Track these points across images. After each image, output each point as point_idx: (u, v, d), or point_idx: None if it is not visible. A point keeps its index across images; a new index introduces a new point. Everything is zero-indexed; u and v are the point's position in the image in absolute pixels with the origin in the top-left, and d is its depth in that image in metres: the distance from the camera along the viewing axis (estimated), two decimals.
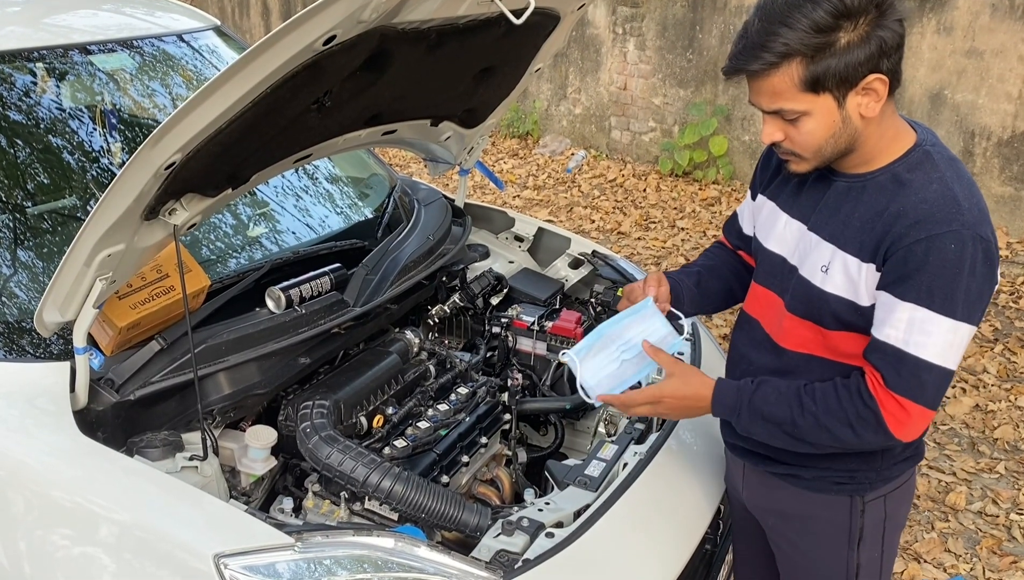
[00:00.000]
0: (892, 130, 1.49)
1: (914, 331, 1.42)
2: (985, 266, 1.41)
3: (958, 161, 1.51)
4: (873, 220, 1.47)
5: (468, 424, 2.13)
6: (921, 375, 1.44)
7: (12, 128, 2.34)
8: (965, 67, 5.25)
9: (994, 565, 3.00)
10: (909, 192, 1.45)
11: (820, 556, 1.75)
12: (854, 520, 1.69)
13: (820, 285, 1.54)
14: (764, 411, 1.57)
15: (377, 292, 2.24)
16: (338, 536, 1.59)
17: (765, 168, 1.76)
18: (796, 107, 1.42)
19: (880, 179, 1.49)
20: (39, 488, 1.64)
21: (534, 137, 7.88)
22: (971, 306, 1.42)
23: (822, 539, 1.73)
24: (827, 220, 1.55)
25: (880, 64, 1.38)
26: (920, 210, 1.42)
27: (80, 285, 1.64)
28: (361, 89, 1.84)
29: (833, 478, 1.67)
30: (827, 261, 1.53)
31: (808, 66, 1.37)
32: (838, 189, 1.54)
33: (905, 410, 1.46)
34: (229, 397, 1.93)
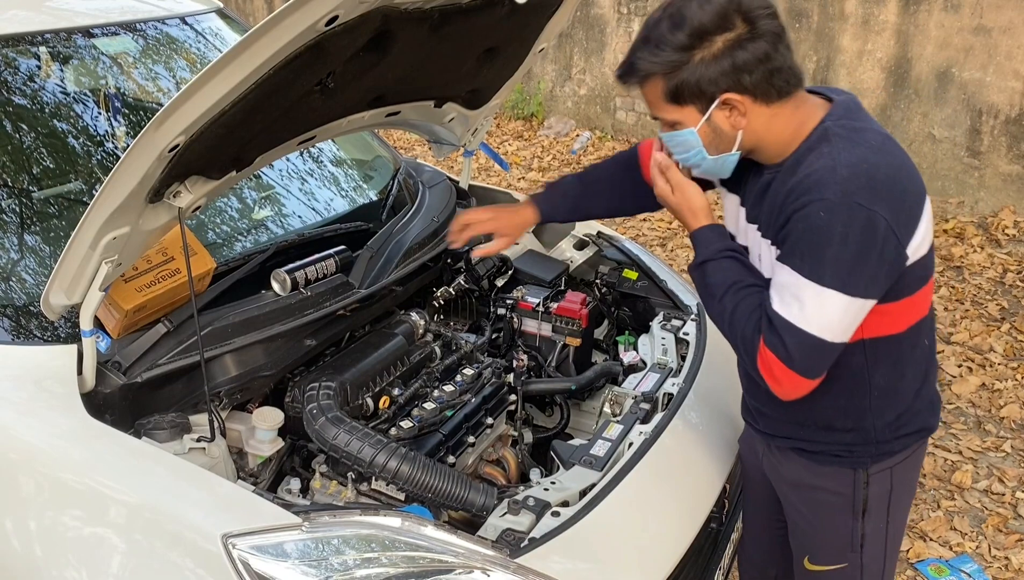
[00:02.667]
0: (795, 123, 1.55)
1: (784, 294, 1.50)
2: (864, 235, 1.43)
3: (871, 132, 1.53)
4: (775, 205, 1.55)
5: (474, 405, 2.13)
6: (783, 336, 1.50)
7: (16, 112, 2.34)
8: (972, 45, 5.20)
9: (1000, 543, 3.01)
10: (799, 171, 1.51)
11: (827, 525, 1.78)
12: (857, 492, 1.72)
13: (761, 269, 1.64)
14: (710, 273, 1.65)
15: (382, 274, 2.24)
16: (345, 516, 1.60)
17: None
18: (666, 116, 1.56)
19: (787, 164, 1.56)
20: (48, 470, 1.65)
21: (538, 119, 7.85)
22: (842, 275, 1.45)
23: (828, 509, 1.76)
24: (756, 211, 1.63)
25: (740, 80, 1.47)
26: (802, 184, 1.48)
27: (86, 268, 1.65)
28: (364, 70, 1.83)
29: (833, 451, 1.71)
30: (758, 250, 1.63)
31: (668, 80, 1.50)
32: (763, 181, 1.61)
33: (769, 365, 1.54)
34: (236, 379, 1.94)
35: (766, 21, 1.46)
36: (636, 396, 2.14)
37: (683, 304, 2.55)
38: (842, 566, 1.79)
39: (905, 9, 5.42)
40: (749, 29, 1.45)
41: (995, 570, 2.90)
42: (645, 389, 2.17)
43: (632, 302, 2.66)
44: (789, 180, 1.52)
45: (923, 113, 5.50)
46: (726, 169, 1.62)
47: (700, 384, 2.20)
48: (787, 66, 1.51)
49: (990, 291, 4.69)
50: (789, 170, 1.54)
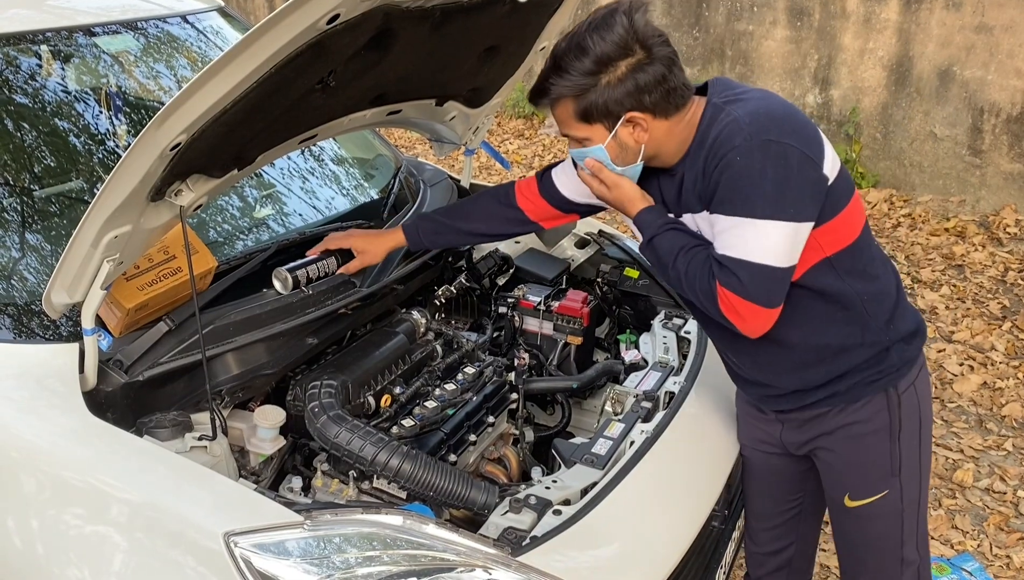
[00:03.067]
0: (684, 128, 1.71)
1: (725, 236, 1.64)
2: (780, 166, 1.58)
3: (751, 91, 1.72)
4: (696, 178, 1.70)
5: (475, 403, 2.13)
6: (735, 270, 1.63)
7: (18, 111, 2.34)
8: (974, 43, 5.20)
9: (1001, 542, 3.01)
10: (708, 142, 1.66)
11: (866, 457, 1.88)
12: (892, 413, 1.84)
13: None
14: (658, 244, 1.77)
15: (384, 272, 2.24)
16: (347, 514, 1.60)
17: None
18: (576, 134, 1.72)
19: (692, 149, 1.72)
20: (50, 469, 1.65)
21: (540, 117, 7.84)
22: (771, 205, 1.59)
23: (866, 440, 1.86)
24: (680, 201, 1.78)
25: (642, 100, 1.65)
26: (713, 148, 1.64)
27: (87, 267, 1.65)
28: (365, 69, 1.83)
29: (866, 379, 1.82)
30: (696, 227, 1.76)
31: (577, 103, 1.67)
32: (677, 178, 1.77)
33: (729, 301, 1.65)
34: (237, 377, 1.94)
35: (660, 48, 1.65)
36: (638, 395, 2.14)
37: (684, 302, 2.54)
38: (884, 493, 1.88)
39: (907, 7, 5.41)
40: (647, 55, 1.64)
41: (996, 569, 2.90)
42: (647, 387, 2.17)
43: (633, 300, 2.66)
44: (700, 154, 1.68)
45: (924, 112, 5.49)
46: (633, 178, 1.78)
47: (702, 383, 2.20)
48: (681, 84, 1.68)
49: (991, 290, 4.69)
50: (697, 148, 1.70)
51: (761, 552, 2.19)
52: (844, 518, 1.96)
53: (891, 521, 1.91)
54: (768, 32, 6.13)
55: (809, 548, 2.21)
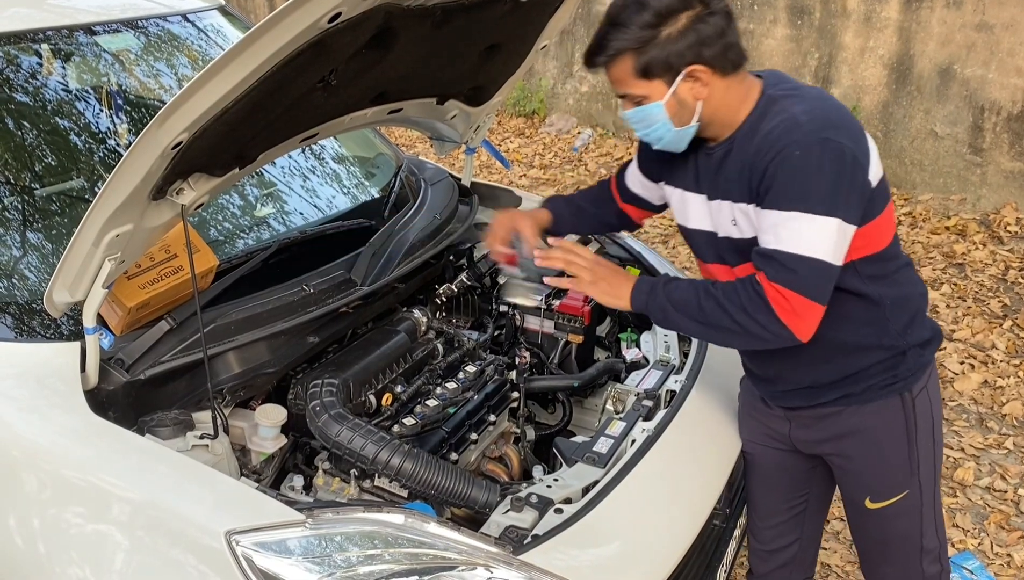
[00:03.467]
0: (740, 96, 1.71)
1: (779, 231, 1.62)
2: (836, 164, 1.59)
3: (806, 88, 1.74)
4: (743, 168, 1.69)
5: (476, 402, 2.13)
6: (791, 266, 1.61)
7: (19, 110, 2.34)
8: (975, 41, 5.20)
9: (1002, 540, 3.01)
10: (760, 132, 1.67)
11: (883, 459, 1.89)
12: (908, 416, 1.86)
13: (740, 236, 1.75)
14: (673, 297, 1.75)
15: (384, 271, 2.24)
16: (348, 513, 1.60)
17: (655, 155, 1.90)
18: (635, 92, 1.69)
19: (740, 133, 1.72)
20: (51, 467, 1.65)
21: (540, 116, 7.84)
22: (827, 201, 1.59)
23: (883, 443, 1.88)
24: (717, 184, 1.77)
25: (703, 53, 1.63)
26: (768, 140, 1.64)
27: (89, 265, 1.65)
28: (366, 67, 1.83)
29: (881, 383, 1.83)
30: (731, 216, 1.75)
31: (638, 58, 1.64)
32: (716, 157, 1.76)
33: (786, 298, 1.62)
34: (239, 376, 1.94)
35: (718, 1, 1.64)
36: (639, 393, 2.14)
37: None
38: (904, 494, 1.91)
39: (907, 6, 5.41)
40: (705, 7, 1.63)
41: (997, 567, 2.90)
42: (648, 386, 2.17)
43: None
44: (750, 143, 1.67)
45: (925, 110, 5.49)
46: (683, 142, 1.76)
47: (703, 381, 2.20)
48: (737, 42, 1.68)
49: (992, 288, 4.69)
50: (746, 136, 1.70)
51: (765, 549, 2.20)
52: (865, 518, 1.98)
53: (912, 517, 1.94)
54: (768, 31, 6.12)
55: (813, 545, 2.22)
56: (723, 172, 1.74)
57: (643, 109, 1.70)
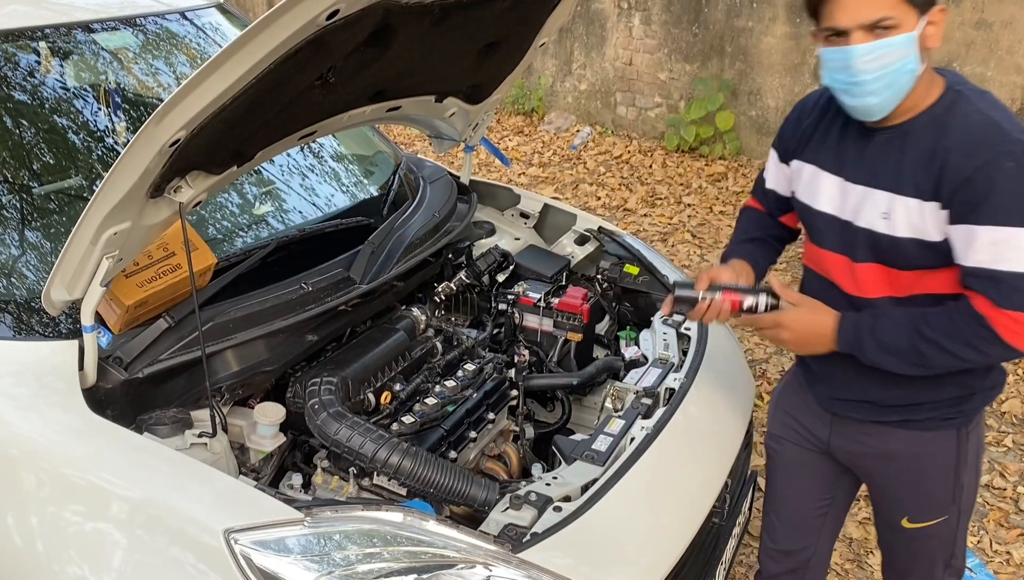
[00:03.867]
0: (929, 77, 1.61)
1: (1000, 249, 1.52)
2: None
3: (988, 92, 1.64)
4: (925, 161, 1.58)
5: (475, 400, 2.13)
6: (1019, 285, 1.52)
7: (16, 108, 2.34)
8: (974, 39, 5.19)
9: (1001, 538, 3.01)
10: (953, 128, 1.56)
11: (929, 487, 1.86)
12: (960, 449, 1.82)
13: (886, 231, 1.64)
14: (885, 343, 1.66)
15: (383, 269, 2.24)
16: (347, 511, 1.60)
17: (795, 132, 1.83)
18: (893, 14, 1.50)
19: (920, 123, 1.60)
20: (50, 466, 1.65)
21: (539, 114, 7.84)
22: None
23: (931, 471, 1.84)
24: (876, 171, 1.65)
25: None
26: (969, 141, 1.53)
27: (87, 263, 1.64)
28: (365, 65, 1.83)
29: (943, 415, 1.79)
30: (886, 208, 1.63)
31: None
32: (878, 142, 1.65)
33: (1017, 322, 1.54)
34: (237, 374, 1.94)
35: None
36: (638, 391, 2.14)
37: None
38: (943, 519, 1.88)
39: None
40: None
41: (996, 565, 2.90)
42: (647, 384, 2.17)
43: (633, 297, 2.66)
44: (937, 137, 1.57)
45: None
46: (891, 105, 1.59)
47: (702, 379, 2.19)
48: None
49: None
50: (929, 126, 1.59)
51: (777, 549, 2.16)
52: (898, 534, 1.95)
53: (946, 539, 1.94)
54: (767, 28, 6.12)
55: (826, 554, 2.17)
56: (886, 159, 1.62)
57: (890, 43, 1.51)
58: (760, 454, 3.37)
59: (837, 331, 1.71)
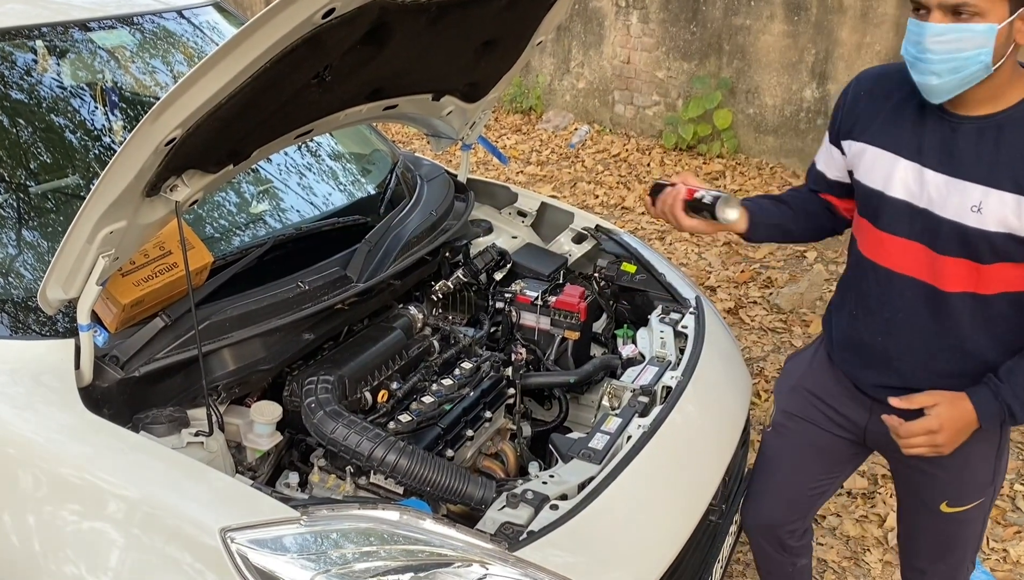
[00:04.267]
0: (1018, 70, 1.57)
1: None
2: None
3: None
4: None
5: (472, 399, 2.13)
6: None
7: (13, 106, 2.33)
8: None
9: (998, 535, 3.01)
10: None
11: (972, 470, 1.87)
12: (1004, 433, 1.85)
13: (976, 225, 1.61)
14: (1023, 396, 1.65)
15: (380, 268, 2.24)
16: (344, 510, 1.60)
17: (851, 113, 1.81)
18: (977, 1, 1.46)
19: (1016, 115, 1.57)
20: (47, 465, 1.65)
21: (537, 112, 7.84)
22: None
23: (973, 456, 1.83)
24: (965, 161, 1.61)
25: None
26: None
27: (83, 262, 1.64)
28: (361, 63, 1.83)
29: None
30: (977, 201, 1.60)
31: None
32: (967, 131, 1.61)
33: None
34: (234, 373, 1.94)
35: None
36: (635, 389, 2.14)
37: (681, 297, 2.54)
38: (980, 501, 1.91)
39: (904, 2, 5.40)
40: None
41: (993, 562, 2.90)
42: (644, 382, 2.17)
43: (631, 295, 2.66)
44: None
45: None
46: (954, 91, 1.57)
47: (699, 377, 2.19)
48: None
49: None
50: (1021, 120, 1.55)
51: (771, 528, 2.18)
52: (937, 519, 1.96)
53: (981, 523, 1.97)
54: (765, 26, 6.12)
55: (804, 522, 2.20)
56: (978, 150, 1.59)
57: (968, 27, 1.48)
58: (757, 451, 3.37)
59: (977, 412, 1.68)
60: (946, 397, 1.70)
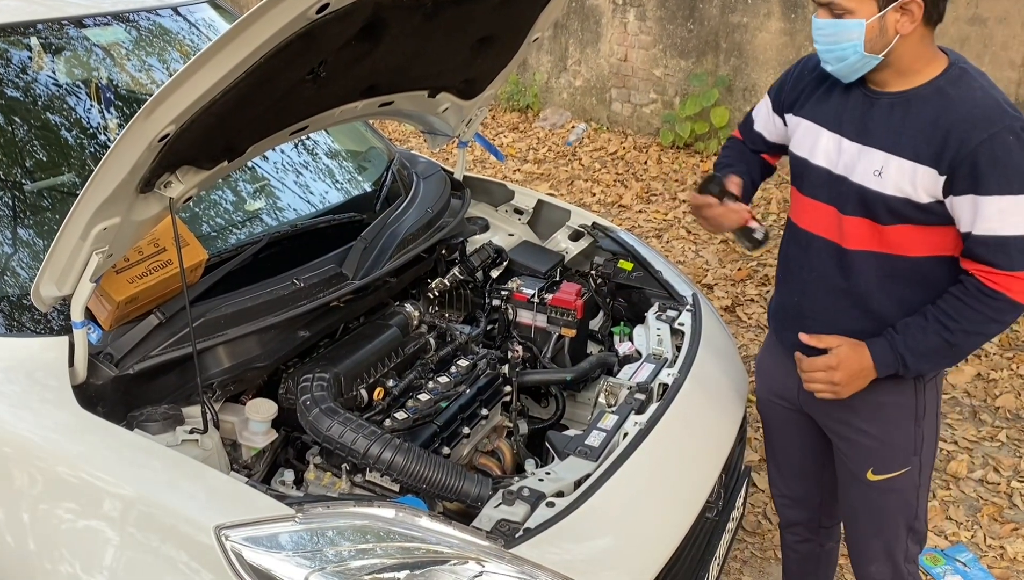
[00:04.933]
0: (929, 52, 1.74)
1: (1006, 216, 1.64)
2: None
3: (985, 74, 1.77)
4: (927, 129, 1.69)
5: (469, 396, 2.13)
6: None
7: (7, 103, 2.33)
8: (968, 34, 5.19)
9: (995, 532, 3.01)
10: (958, 102, 1.68)
11: (891, 436, 1.96)
12: (919, 398, 1.92)
13: (875, 188, 1.75)
14: (921, 349, 1.77)
15: (376, 265, 2.23)
16: (339, 507, 1.60)
17: (796, 87, 1.96)
18: (845, 2, 1.67)
19: (924, 92, 1.72)
20: (41, 463, 1.64)
21: (534, 110, 7.83)
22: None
23: (893, 420, 1.94)
24: (875, 131, 1.77)
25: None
26: (975, 115, 1.65)
27: (76, 259, 1.63)
28: (356, 59, 1.82)
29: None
30: (879, 166, 1.75)
31: None
32: (882, 105, 1.77)
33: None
34: (229, 370, 1.93)
35: None
36: (631, 386, 2.13)
37: (678, 294, 2.54)
38: (906, 469, 1.97)
39: None
40: None
41: (990, 559, 2.90)
42: (640, 379, 2.16)
43: (627, 293, 2.66)
44: (942, 107, 1.69)
45: None
46: (854, 73, 1.76)
47: (695, 374, 2.19)
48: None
49: None
50: (932, 97, 1.71)
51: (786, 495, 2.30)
52: (863, 490, 2.02)
53: (909, 494, 2.01)
54: (762, 24, 6.11)
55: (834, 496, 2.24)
56: (888, 122, 1.74)
57: (841, 23, 1.69)
58: (755, 449, 3.37)
59: (874, 360, 1.81)
60: (848, 341, 1.83)
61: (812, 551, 2.37)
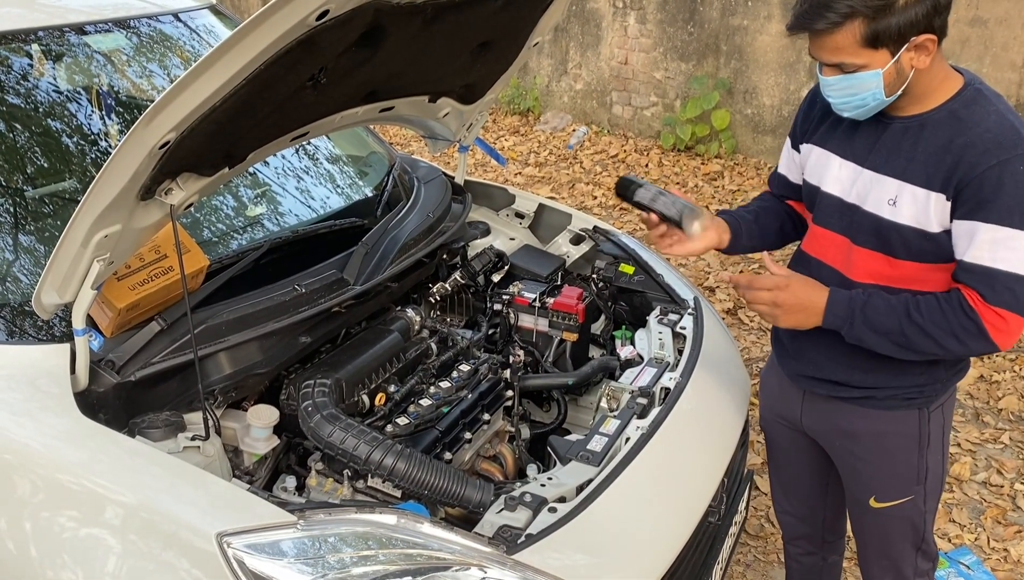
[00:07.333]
0: (942, 73, 1.65)
1: (998, 249, 1.57)
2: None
3: (1002, 97, 1.69)
4: (939, 153, 1.62)
5: (470, 401, 2.12)
6: (1013, 287, 1.58)
7: (8, 110, 2.33)
8: (969, 36, 5.19)
9: (999, 535, 3.01)
10: (971, 125, 1.60)
11: (893, 466, 1.91)
12: (923, 429, 1.87)
13: (890, 217, 1.69)
14: (874, 321, 1.70)
15: (377, 270, 2.23)
16: (341, 514, 1.60)
17: (807, 117, 1.91)
18: (856, 61, 1.58)
19: (937, 117, 1.65)
20: (43, 471, 1.64)
21: (535, 114, 7.83)
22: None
23: (895, 451, 1.90)
24: (888, 158, 1.70)
25: (933, 22, 1.56)
26: (986, 140, 1.57)
27: (78, 266, 1.63)
28: (357, 65, 1.82)
29: (904, 395, 1.84)
30: (893, 195, 1.68)
31: (869, 24, 1.54)
32: (894, 130, 1.70)
33: (1004, 320, 1.60)
34: (230, 377, 1.93)
35: None
36: (633, 391, 2.13)
37: (680, 298, 2.54)
38: (909, 498, 1.93)
39: None
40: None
41: (994, 562, 2.89)
42: (642, 384, 2.16)
43: (629, 297, 2.65)
44: (954, 131, 1.61)
45: None
46: (873, 112, 1.68)
47: (697, 378, 2.19)
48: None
49: None
50: (945, 121, 1.63)
51: (788, 512, 2.27)
52: (868, 515, 2.00)
53: (915, 520, 1.98)
54: (762, 27, 6.12)
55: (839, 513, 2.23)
56: (900, 148, 1.68)
57: (856, 76, 1.60)
58: (757, 452, 3.37)
59: (828, 305, 1.74)
60: (808, 279, 1.78)
61: (815, 564, 2.35)
